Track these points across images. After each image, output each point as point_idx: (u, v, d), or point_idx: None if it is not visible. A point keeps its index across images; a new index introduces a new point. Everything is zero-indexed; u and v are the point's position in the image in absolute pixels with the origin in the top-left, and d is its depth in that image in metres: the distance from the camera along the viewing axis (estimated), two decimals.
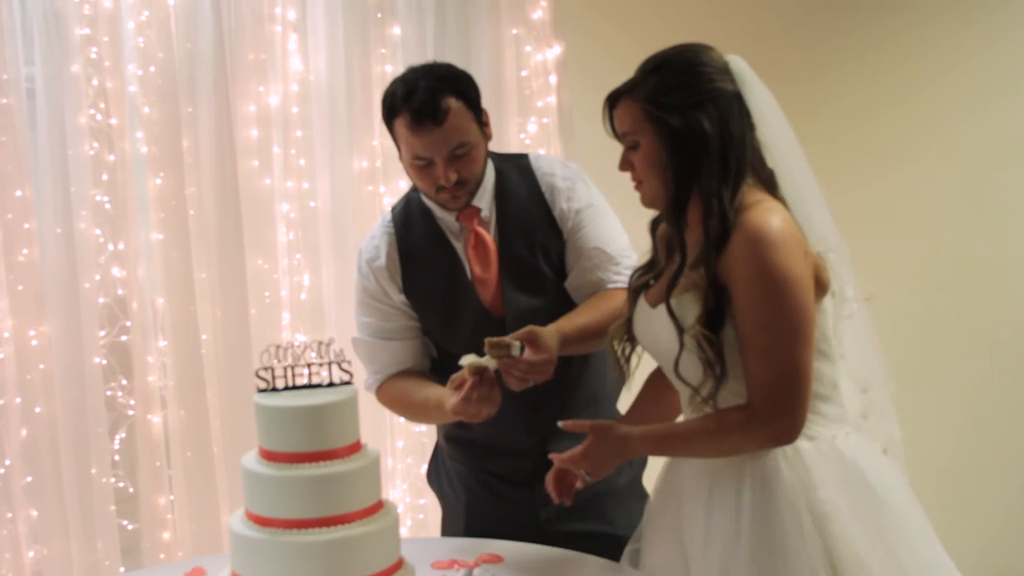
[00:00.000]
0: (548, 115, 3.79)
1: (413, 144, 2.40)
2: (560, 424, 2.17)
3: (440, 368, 2.55)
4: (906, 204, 4.00)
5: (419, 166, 2.43)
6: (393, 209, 2.63)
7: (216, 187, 3.57)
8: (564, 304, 2.51)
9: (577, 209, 2.52)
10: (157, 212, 3.56)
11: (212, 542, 3.58)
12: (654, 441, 2.13)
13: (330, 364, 2.10)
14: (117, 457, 3.56)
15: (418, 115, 2.36)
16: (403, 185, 3.48)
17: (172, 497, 3.61)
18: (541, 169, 2.57)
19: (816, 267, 2.03)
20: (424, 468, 3.11)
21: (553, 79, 3.78)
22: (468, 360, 2.26)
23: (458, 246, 2.53)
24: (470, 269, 2.52)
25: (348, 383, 2.10)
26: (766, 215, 1.99)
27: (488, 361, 2.25)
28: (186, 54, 3.53)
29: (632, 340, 2.21)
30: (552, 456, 2.18)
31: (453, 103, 2.38)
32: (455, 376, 2.30)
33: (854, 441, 2.08)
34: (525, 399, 2.37)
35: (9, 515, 3.42)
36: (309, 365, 2.10)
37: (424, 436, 3.75)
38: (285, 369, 2.07)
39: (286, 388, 2.07)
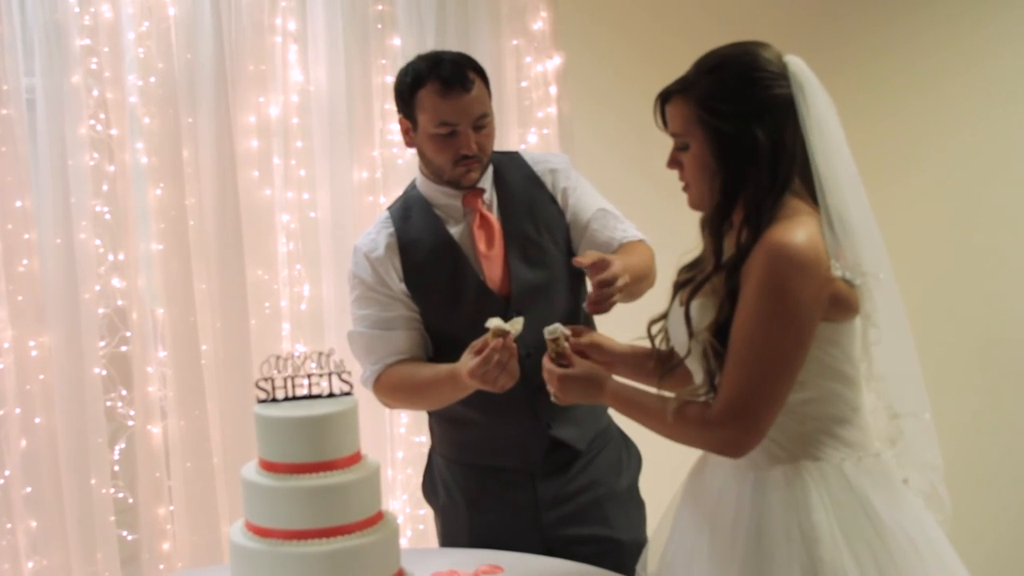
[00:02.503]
0: (548, 126, 3.79)
1: (441, 110, 2.47)
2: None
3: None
4: (911, 207, 3.99)
5: (442, 135, 2.49)
6: (391, 207, 2.67)
7: (216, 198, 3.57)
8: (568, 280, 2.57)
9: (574, 187, 2.64)
10: (157, 223, 3.56)
11: (212, 553, 3.58)
12: (620, 402, 2.13)
13: (330, 375, 2.10)
14: (117, 468, 3.56)
15: (448, 81, 2.46)
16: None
17: (172, 508, 3.61)
18: (534, 158, 2.69)
19: (838, 291, 1.95)
20: None
21: (553, 90, 3.79)
22: (494, 323, 2.27)
23: (456, 231, 2.56)
24: (475, 248, 2.55)
25: (348, 394, 2.10)
26: (793, 231, 1.91)
27: (511, 326, 2.26)
28: (186, 65, 3.53)
29: (667, 335, 2.16)
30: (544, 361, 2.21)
31: (475, 77, 2.50)
32: (475, 342, 2.32)
33: (868, 467, 2.00)
34: (527, 379, 2.38)
35: (8, 526, 3.42)
36: (309, 376, 2.10)
37: (424, 447, 3.74)
38: (285, 380, 2.08)
39: (286, 399, 2.07)
